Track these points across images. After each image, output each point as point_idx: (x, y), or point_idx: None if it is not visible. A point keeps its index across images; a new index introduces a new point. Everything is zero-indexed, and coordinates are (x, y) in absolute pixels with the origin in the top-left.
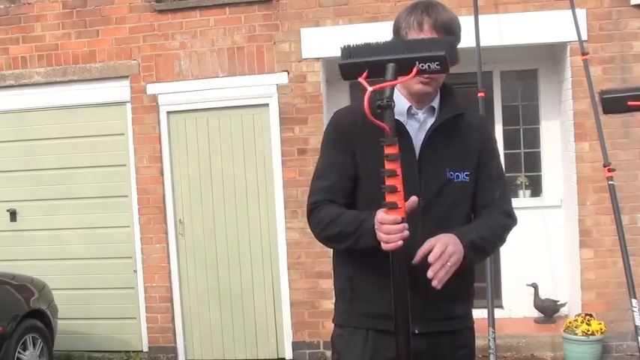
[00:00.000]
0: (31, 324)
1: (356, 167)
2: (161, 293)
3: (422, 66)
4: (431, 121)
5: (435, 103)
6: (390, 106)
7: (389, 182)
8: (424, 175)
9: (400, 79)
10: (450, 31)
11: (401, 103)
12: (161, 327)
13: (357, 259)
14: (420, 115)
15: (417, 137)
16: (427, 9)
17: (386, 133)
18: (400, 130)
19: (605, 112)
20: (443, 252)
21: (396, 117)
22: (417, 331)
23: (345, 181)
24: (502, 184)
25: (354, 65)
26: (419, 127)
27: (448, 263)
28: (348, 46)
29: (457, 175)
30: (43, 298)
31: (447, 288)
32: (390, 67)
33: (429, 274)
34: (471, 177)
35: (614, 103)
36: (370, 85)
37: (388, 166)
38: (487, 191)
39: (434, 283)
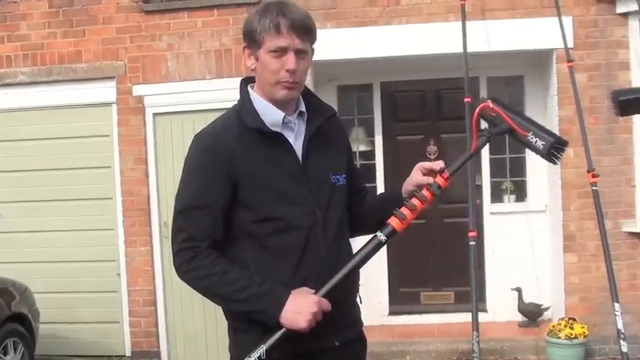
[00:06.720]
0: (11, 328)
1: (231, 199)
2: (145, 297)
3: (532, 138)
4: (304, 127)
5: (302, 108)
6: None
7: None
8: (312, 184)
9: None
10: (307, 29)
11: (274, 113)
12: (145, 331)
13: None
14: (294, 122)
15: (296, 146)
16: (281, 9)
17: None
18: (281, 141)
19: (623, 114)
20: None
21: (272, 128)
22: (337, 344)
23: (223, 213)
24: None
25: None
26: (295, 135)
27: None
28: None
29: (337, 178)
30: (24, 301)
31: (350, 291)
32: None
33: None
34: (346, 179)
35: (632, 104)
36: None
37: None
38: (358, 179)
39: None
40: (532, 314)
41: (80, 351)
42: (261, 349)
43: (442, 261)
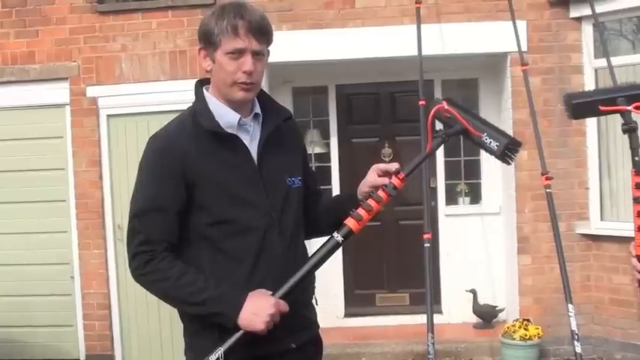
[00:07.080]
0: None
1: (186, 201)
2: (99, 300)
3: (486, 139)
4: (259, 129)
5: (258, 109)
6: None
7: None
8: (268, 186)
9: None
10: (264, 31)
11: (229, 115)
12: (99, 334)
13: None
14: (249, 124)
15: (251, 148)
16: (239, 11)
17: None
18: (236, 143)
19: (576, 117)
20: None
21: (227, 130)
22: (294, 346)
23: (178, 215)
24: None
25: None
26: (250, 137)
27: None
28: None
29: (293, 180)
30: None
31: (306, 293)
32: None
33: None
34: (302, 181)
35: (585, 108)
36: None
37: None
38: (313, 181)
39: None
40: (487, 315)
41: (34, 355)
42: (219, 352)
43: (397, 263)
